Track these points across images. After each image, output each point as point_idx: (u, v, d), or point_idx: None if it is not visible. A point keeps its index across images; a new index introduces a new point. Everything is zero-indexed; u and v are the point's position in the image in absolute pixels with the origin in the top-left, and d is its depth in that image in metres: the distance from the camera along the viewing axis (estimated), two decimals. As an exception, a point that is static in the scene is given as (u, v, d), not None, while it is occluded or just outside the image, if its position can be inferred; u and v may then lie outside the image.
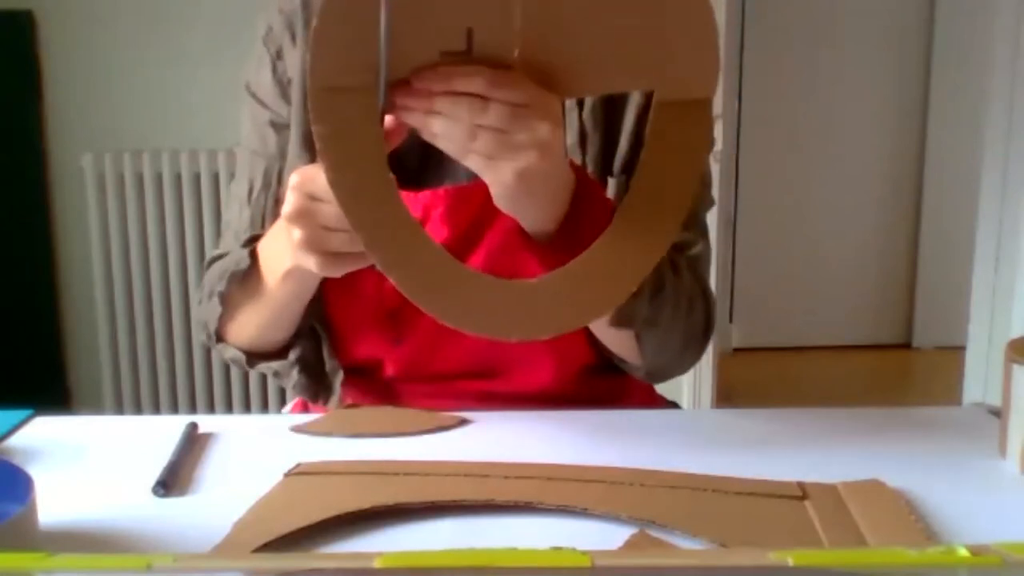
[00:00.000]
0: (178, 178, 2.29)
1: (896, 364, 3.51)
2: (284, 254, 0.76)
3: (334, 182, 0.65)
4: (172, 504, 0.68)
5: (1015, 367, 0.71)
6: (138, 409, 2.36)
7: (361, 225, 0.66)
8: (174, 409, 2.37)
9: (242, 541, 0.59)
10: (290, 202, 0.70)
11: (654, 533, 0.61)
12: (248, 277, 0.84)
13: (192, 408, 2.37)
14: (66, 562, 0.46)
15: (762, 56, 3.31)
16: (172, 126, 2.34)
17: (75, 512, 0.65)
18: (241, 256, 0.84)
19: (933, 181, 3.50)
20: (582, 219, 0.73)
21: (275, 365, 0.90)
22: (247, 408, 2.39)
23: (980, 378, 2.46)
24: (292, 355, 0.90)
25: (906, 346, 3.61)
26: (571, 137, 0.86)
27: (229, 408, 2.39)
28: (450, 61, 0.64)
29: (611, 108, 0.86)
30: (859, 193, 3.55)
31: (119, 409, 2.36)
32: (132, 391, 2.38)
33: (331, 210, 0.68)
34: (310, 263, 0.71)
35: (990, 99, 2.44)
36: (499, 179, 0.66)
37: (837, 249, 3.57)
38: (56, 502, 0.65)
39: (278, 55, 0.89)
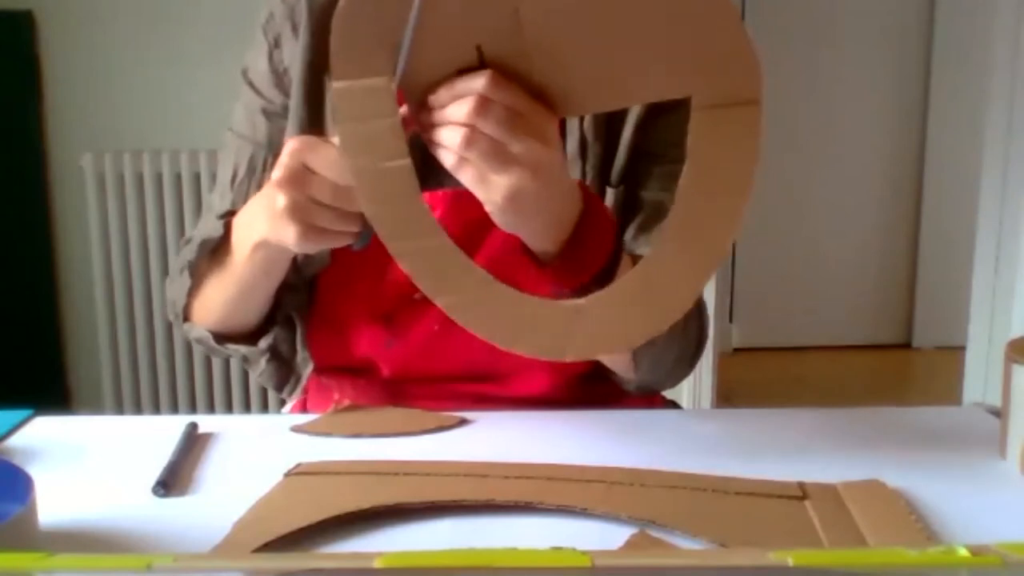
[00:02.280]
0: (178, 178, 2.29)
1: (896, 364, 3.51)
2: (259, 223, 0.75)
3: (373, 216, 0.66)
4: (172, 504, 0.68)
5: (1015, 367, 0.71)
6: (138, 409, 2.36)
7: (403, 253, 0.67)
8: (174, 409, 2.37)
9: (242, 541, 0.59)
10: (282, 165, 0.69)
11: (654, 533, 0.61)
12: (219, 250, 0.83)
13: (192, 408, 2.37)
14: (66, 562, 0.46)
15: (762, 56, 3.31)
16: (172, 126, 2.34)
17: (75, 512, 0.65)
18: (215, 226, 0.83)
19: (933, 181, 3.50)
20: (586, 243, 0.72)
21: (243, 350, 0.89)
22: (247, 408, 2.39)
23: (980, 378, 2.46)
24: (263, 343, 0.89)
25: (906, 346, 3.61)
26: (571, 146, 0.85)
27: (229, 408, 2.39)
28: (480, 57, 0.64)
29: (612, 118, 0.86)
30: (859, 193, 3.55)
31: (119, 409, 2.36)
32: (132, 391, 2.38)
33: (327, 185, 0.68)
34: (288, 233, 0.70)
35: (990, 99, 2.44)
36: (490, 197, 0.66)
37: (837, 249, 3.57)
38: (56, 502, 0.64)
39: (276, 43, 0.88)
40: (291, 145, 0.69)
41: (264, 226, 0.73)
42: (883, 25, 3.45)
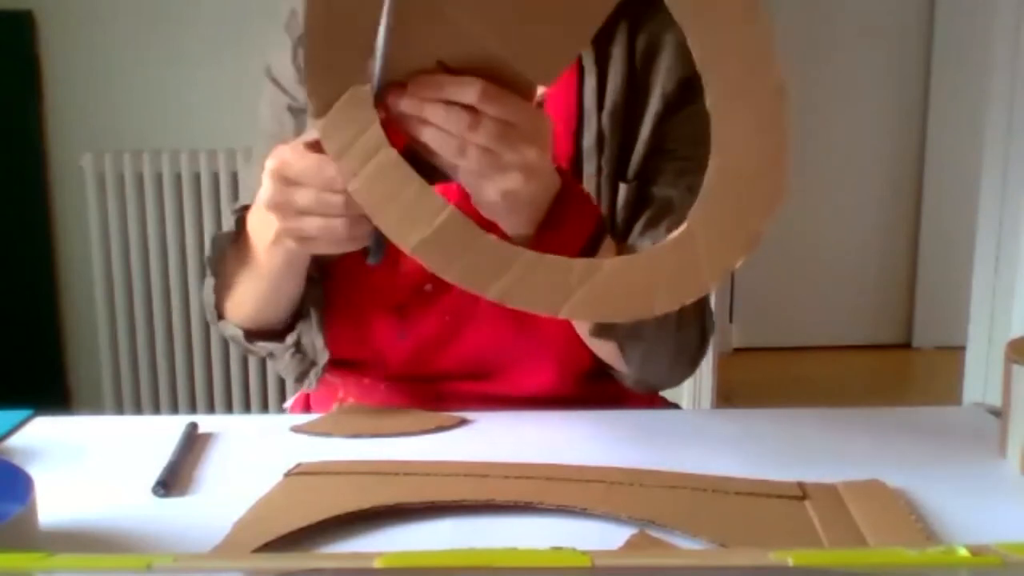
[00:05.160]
0: (178, 178, 2.29)
1: (896, 364, 3.51)
2: (270, 228, 0.76)
3: (455, 279, 0.63)
4: (172, 504, 0.68)
5: (1015, 367, 0.71)
6: (138, 409, 2.36)
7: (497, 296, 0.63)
8: (174, 409, 2.37)
9: (242, 541, 0.59)
10: (266, 188, 0.69)
11: (654, 533, 0.61)
12: (239, 246, 0.84)
13: (192, 408, 2.37)
14: (66, 562, 0.46)
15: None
16: (172, 126, 2.34)
17: (75, 512, 0.65)
18: (230, 221, 0.84)
19: (933, 181, 3.50)
20: (563, 226, 0.72)
21: (271, 346, 0.90)
22: (247, 408, 2.39)
23: (980, 378, 2.46)
24: (290, 339, 0.89)
25: (906, 346, 3.61)
26: (589, 140, 0.86)
27: (229, 408, 2.39)
28: (446, 69, 0.63)
29: (630, 114, 0.86)
30: (859, 193, 3.55)
31: (119, 409, 2.36)
32: (132, 391, 2.38)
33: (305, 194, 0.67)
34: (291, 246, 0.72)
35: (990, 99, 2.44)
36: (483, 197, 0.67)
37: (837, 249, 3.56)
38: (56, 502, 0.65)
39: (300, 42, 0.89)
40: (269, 164, 0.69)
41: (273, 233, 0.75)
42: (883, 25, 3.45)
